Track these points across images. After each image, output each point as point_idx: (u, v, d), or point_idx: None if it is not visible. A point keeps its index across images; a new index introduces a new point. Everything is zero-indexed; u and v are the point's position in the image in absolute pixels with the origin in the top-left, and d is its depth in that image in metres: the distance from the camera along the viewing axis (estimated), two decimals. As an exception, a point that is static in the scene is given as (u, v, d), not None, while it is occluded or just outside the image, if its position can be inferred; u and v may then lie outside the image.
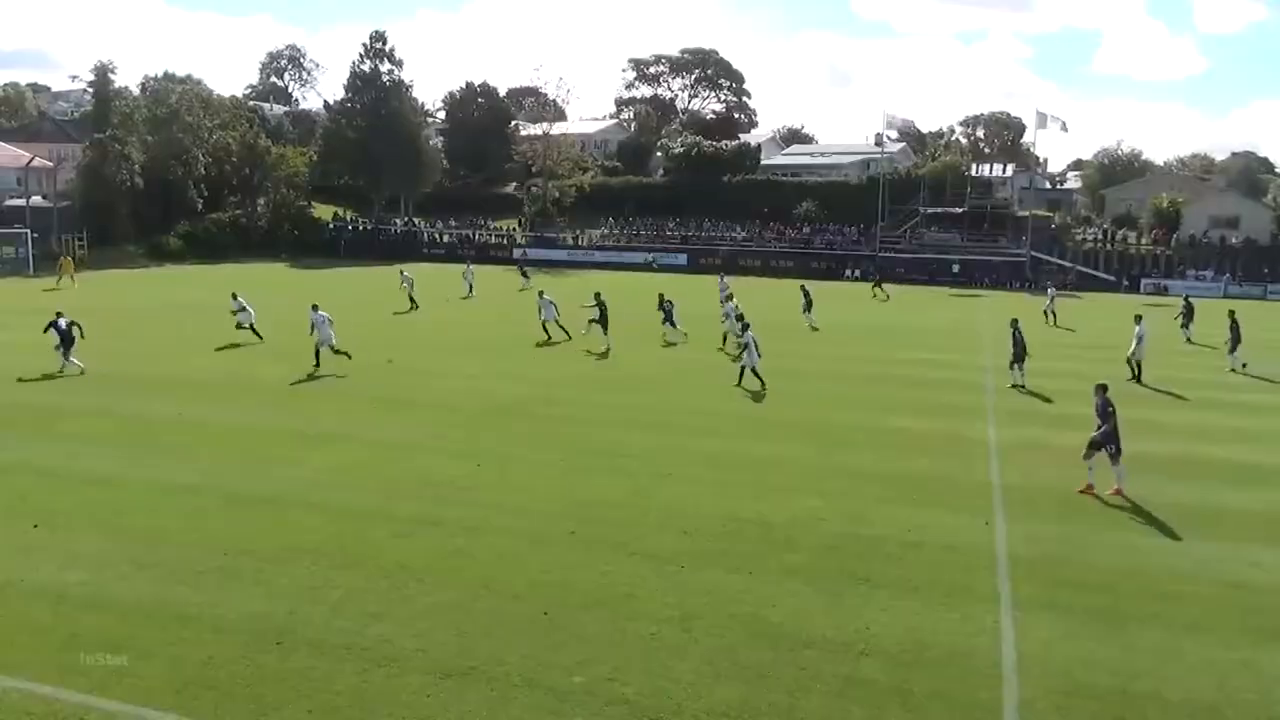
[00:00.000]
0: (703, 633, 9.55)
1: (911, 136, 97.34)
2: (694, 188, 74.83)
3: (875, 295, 49.27)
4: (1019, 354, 23.07)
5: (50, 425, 17.80)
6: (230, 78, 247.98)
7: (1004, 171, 73.00)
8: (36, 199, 60.71)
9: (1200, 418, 20.33)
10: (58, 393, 20.70)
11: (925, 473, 15.58)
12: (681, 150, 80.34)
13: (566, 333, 28.98)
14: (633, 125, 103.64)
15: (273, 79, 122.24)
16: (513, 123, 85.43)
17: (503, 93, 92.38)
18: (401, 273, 40.45)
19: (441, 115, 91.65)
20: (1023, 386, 22.80)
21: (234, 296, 28.87)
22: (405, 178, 75.54)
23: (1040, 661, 9.11)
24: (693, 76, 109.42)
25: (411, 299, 38.04)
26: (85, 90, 69.71)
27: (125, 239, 60.88)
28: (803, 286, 36.43)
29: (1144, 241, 64.35)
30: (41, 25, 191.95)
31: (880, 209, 64.61)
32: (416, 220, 78.08)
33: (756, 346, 22.23)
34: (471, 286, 44.29)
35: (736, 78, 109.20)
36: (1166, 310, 33.87)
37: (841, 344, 30.64)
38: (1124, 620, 10.08)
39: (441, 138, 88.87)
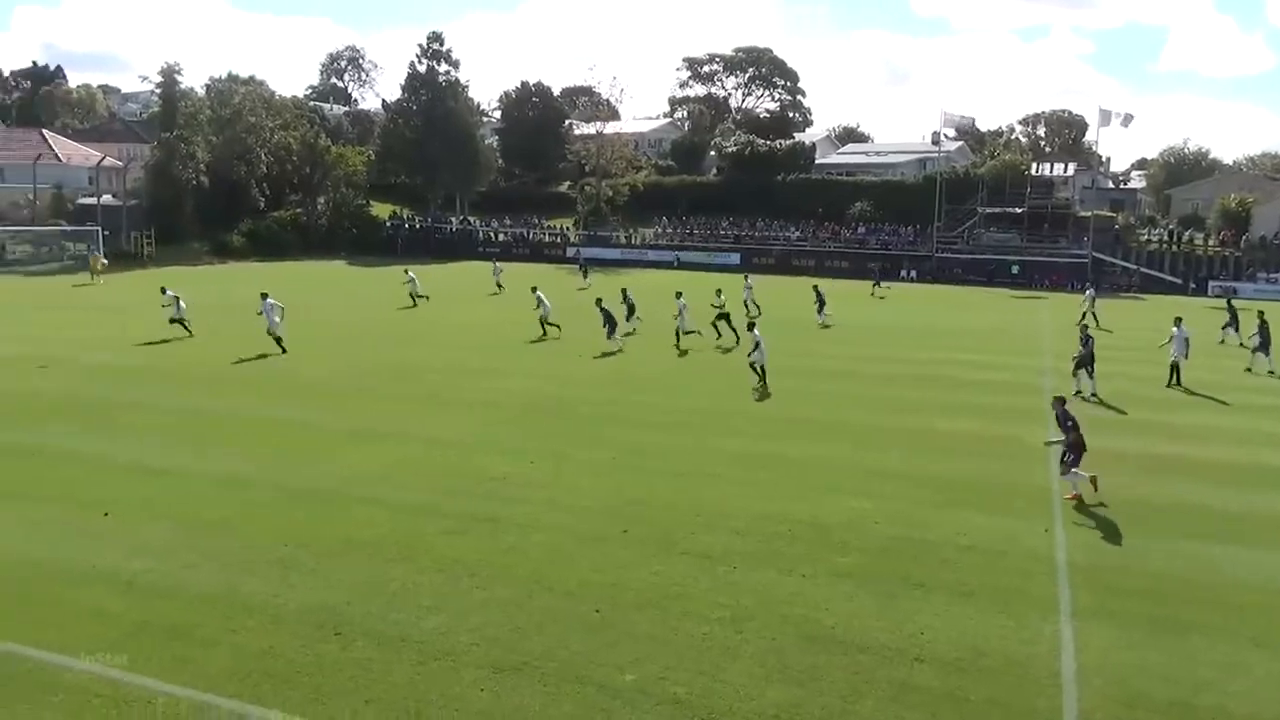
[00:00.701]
0: (754, 634, 9.53)
1: (970, 135, 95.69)
2: (747, 187, 74.48)
3: (874, 293, 48.72)
4: (1084, 360, 22.28)
5: (115, 417, 18.34)
6: (291, 79, 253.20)
7: (1065, 170, 71.45)
8: (107, 197, 62.54)
9: (1249, 423, 19.74)
10: (121, 386, 21.30)
11: (980, 477, 15.35)
12: (735, 149, 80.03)
13: (557, 328, 29.38)
14: (686, 124, 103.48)
15: (332, 80, 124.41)
16: (567, 122, 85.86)
17: (557, 92, 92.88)
18: (406, 271, 41.33)
19: (497, 115, 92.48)
20: (1088, 396, 21.79)
21: (163, 290, 29.35)
22: (461, 177, 76.43)
23: (1100, 671, 8.93)
24: (746, 75, 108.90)
25: (413, 296, 38.74)
26: (153, 91, 71.68)
27: (191, 236, 62.44)
28: (815, 286, 36.46)
29: (1211, 243, 62.49)
30: (112, 28, 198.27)
31: (937, 209, 63.68)
32: (471, 219, 78.91)
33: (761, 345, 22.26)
34: (500, 284, 44.92)
35: (791, 76, 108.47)
36: (1221, 315, 32.84)
37: (891, 345, 30.28)
38: (1187, 631, 9.83)
39: (496, 137, 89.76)
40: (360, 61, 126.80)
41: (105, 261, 49.71)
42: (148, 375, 22.65)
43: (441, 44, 76.68)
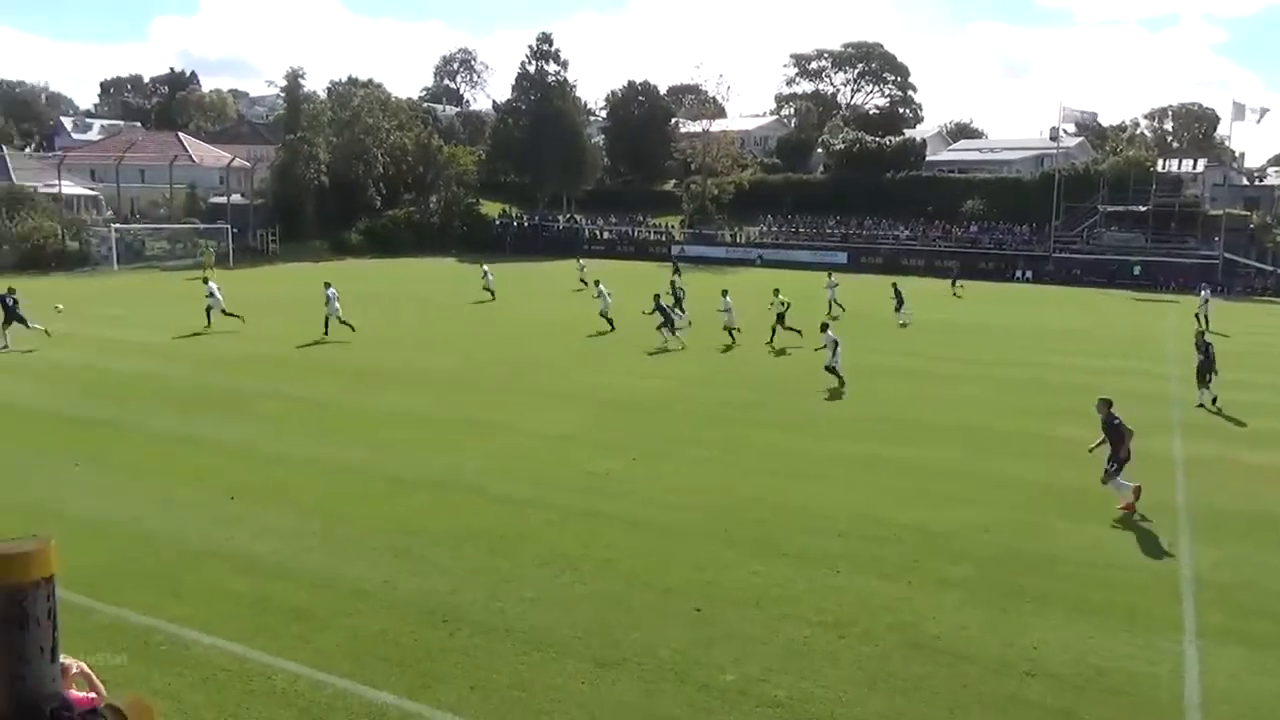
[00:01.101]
0: (857, 640, 9.39)
1: (1091, 130, 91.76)
2: (855, 184, 73.19)
3: (955, 293, 47.43)
4: (1204, 367, 20.99)
5: (242, 406, 19.28)
6: (407, 81, 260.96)
7: (1194, 167, 67.72)
8: (236, 197, 65.79)
9: None
10: (247, 377, 22.36)
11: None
12: (843, 146, 78.78)
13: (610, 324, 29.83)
14: (793, 121, 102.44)
15: (445, 81, 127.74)
16: (673, 120, 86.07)
17: (663, 91, 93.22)
18: (482, 266, 42.97)
19: (604, 114, 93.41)
20: (1207, 406, 20.61)
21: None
22: (568, 175, 77.49)
23: (1227, 696, 8.47)
24: (856, 71, 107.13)
25: (489, 290, 40.31)
26: (279, 95, 74.85)
27: (311, 234, 65.05)
28: (894, 284, 35.86)
29: (1358, 243, 58.36)
30: (243, 35, 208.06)
31: (1055, 207, 61.27)
32: (578, 217, 79.91)
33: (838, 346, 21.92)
34: (584, 280, 45.38)
35: (901, 71, 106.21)
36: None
37: (1002, 347, 29.35)
38: (1327, 658, 9.23)
39: (603, 136, 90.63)
40: (472, 63, 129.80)
41: (214, 256, 52.40)
42: (272, 366, 23.72)
43: (551, 44, 77.93)
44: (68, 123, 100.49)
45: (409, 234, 70.58)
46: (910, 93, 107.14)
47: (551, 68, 77.80)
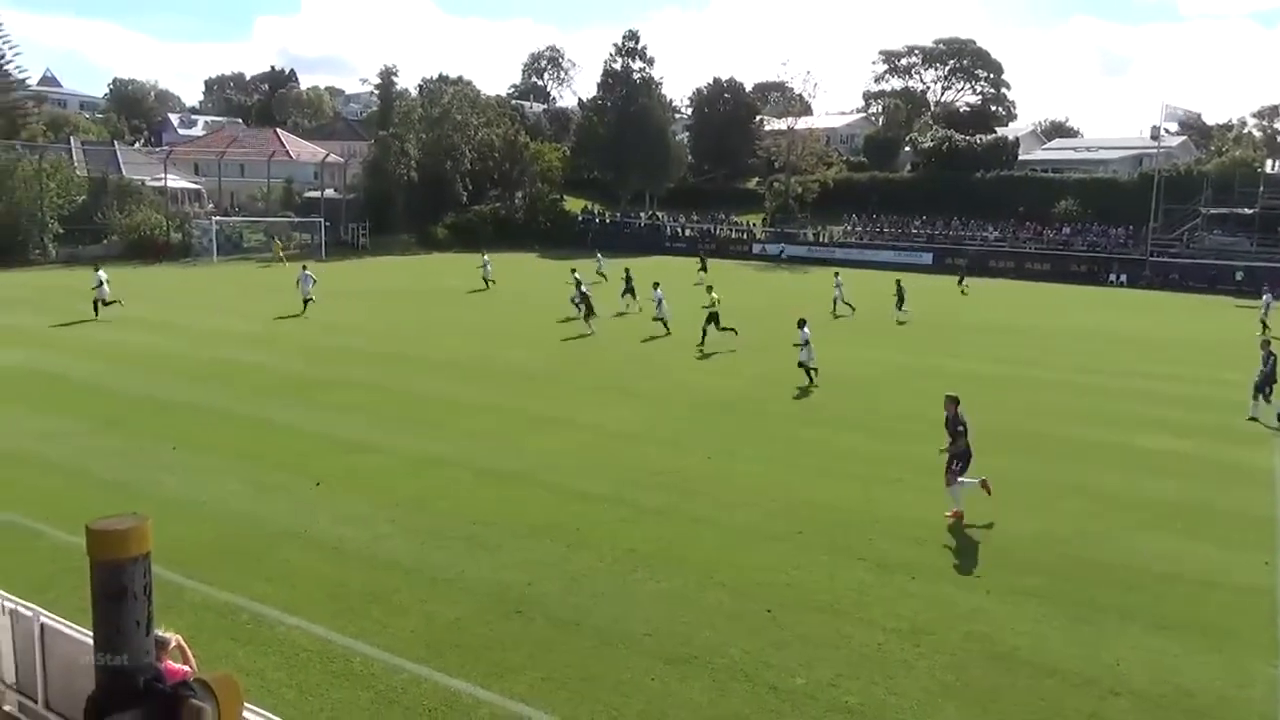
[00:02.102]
0: (932, 648, 9.23)
1: (1194, 129, 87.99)
2: (943, 184, 71.65)
3: (962, 291, 46.26)
4: (1265, 380, 19.77)
5: (327, 396, 19.86)
6: (495, 78, 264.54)
7: (1309, 168, 64.43)
8: (330, 191, 67.78)
9: None
10: (335, 367, 23.02)
11: (1188, 500, 14.16)
12: (931, 144, 77.18)
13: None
14: (880, 119, 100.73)
15: (533, 79, 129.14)
16: (757, 118, 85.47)
17: (748, 88, 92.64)
18: (482, 255, 44.92)
19: (688, 111, 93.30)
20: (1262, 420, 19.41)
21: (95, 269, 31.27)
22: (651, 172, 77.64)
23: (1325, 725, 8.09)
24: (947, 67, 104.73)
25: (486, 280, 41.56)
26: (372, 92, 76.73)
27: (400, 228, 66.58)
28: (898, 281, 35.91)
29: None
30: (339, 34, 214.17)
31: (1153, 209, 58.96)
32: (660, 214, 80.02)
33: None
34: (602, 274, 45.59)
35: (995, 68, 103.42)
36: None
37: (1090, 353, 28.37)
38: None
39: (687, 133, 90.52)
40: (559, 61, 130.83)
41: (284, 248, 54.70)
42: (358, 356, 24.36)
43: (637, 42, 78.14)
44: (174, 119, 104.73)
45: (493, 229, 71.62)
46: (1003, 90, 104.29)
47: (637, 65, 78.02)
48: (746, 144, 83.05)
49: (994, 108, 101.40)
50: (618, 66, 78.03)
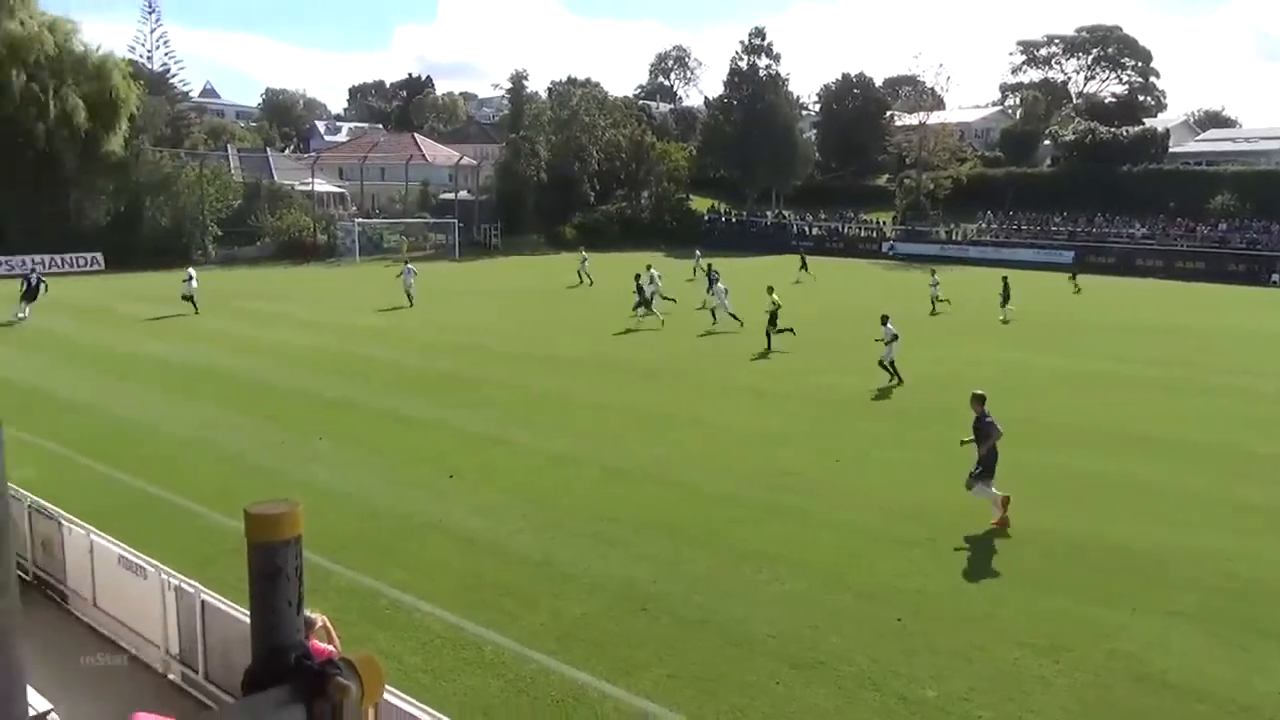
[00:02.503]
0: (1072, 666, 8.80)
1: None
2: (1085, 179, 68.15)
3: (1075, 289, 43.69)
4: None
5: (464, 391, 20.49)
6: (622, 79, 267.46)
7: None
8: (463, 193, 70.00)
9: None
10: (468, 364, 23.71)
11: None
12: (1073, 138, 73.61)
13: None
14: (1018, 112, 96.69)
15: (659, 79, 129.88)
16: (888, 113, 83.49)
17: (878, 83, 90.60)
18: (582, 249, 47.05)
19: (815, 108, 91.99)
20: None
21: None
22: (778, 170, 76.90)
23: None
24: (1090, 57, 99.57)
25: (582, 276, 43.04)
26: (504, 96, 78.70)
27: (529, 228, 68.12)
28: (1004, 278, 34.28)
29: None
30: (473, 41, 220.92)
31: (1324, 203, 54.55)
32: (786, 213, 79.16)
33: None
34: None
35: (1142, 56, 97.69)
36: None
37: (1258, 358, 26.43)
38: None
39: (815, 130, 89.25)
40: (686, 60, 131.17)
41: (409, 247, 57.10)
42: (491, 355, 25.05)
43: (763, 39, 77.51)
44: (321, 126, 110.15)
45: (619, 228, 72.37)
46: (1152, 79, 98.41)
47: (763, 61, 77.38)
48: (876, 140, 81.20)
49: (1141, 98, 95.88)
50: (744, 64, 77.58)
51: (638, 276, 32.10)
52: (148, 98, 55.54)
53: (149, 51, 62.72)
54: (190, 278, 32.82)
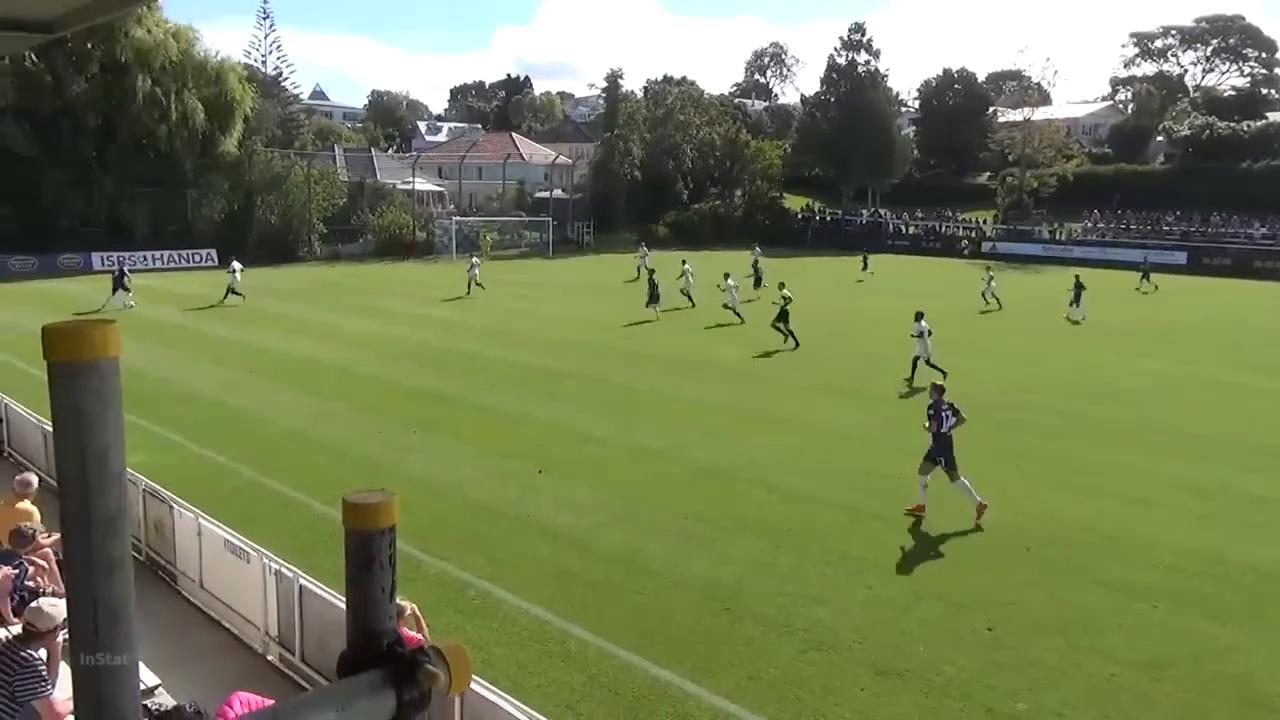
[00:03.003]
0: (1174, 684, 8.45)
1: None
2: (1202, 176, 64.97)
3: (1140, 288, 42.22)
4: None
5: (554, 387, 20.76)
6: (718, 77, 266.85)
7: None
8: (558, 191, 70.94)
9: None
10: (559, 359, 24.00)
11: None
12: (1189, 133, 70.38)
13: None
14: (1129, 107, 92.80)
15: (755, 76, 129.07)
16: (990, 109, 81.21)
17: (981, 78, 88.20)
18: (642, 244, 46.86)
19: (915, 104, 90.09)
20: None
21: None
22: (875, 168, 75.57)
23: None
24: (1209, 48, 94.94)
25: (640, 270, 41.87)
26: (599, 95, 79.42)
27: (622, 226, 68.57)
28: (1076, 277, 34.04)
29: None
30: (570, 40, 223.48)
31: None
32: (882, 211, 77.75)
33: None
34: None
35: (1266, 46, 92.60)
36: None
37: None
38: None
39: (914, 127, 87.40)
40: (783, 57, 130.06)
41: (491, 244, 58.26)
42: (583, 350, 25.30)
43: (863, 34, 76.30)
44: (422, 126, 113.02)
45: (712, 227, 72.22)
46: (1276, 70, 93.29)
47: (862, 58, 76.14)
48: (977, 137, 79.06)
49: (1265, 91, 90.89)
50: (842, 61, 76.49)
51: (652, 271, 32.70)
52: (261, 100, 57.81)
53: (263, 56, 65.34)
54: (235, 270, 34.49)
